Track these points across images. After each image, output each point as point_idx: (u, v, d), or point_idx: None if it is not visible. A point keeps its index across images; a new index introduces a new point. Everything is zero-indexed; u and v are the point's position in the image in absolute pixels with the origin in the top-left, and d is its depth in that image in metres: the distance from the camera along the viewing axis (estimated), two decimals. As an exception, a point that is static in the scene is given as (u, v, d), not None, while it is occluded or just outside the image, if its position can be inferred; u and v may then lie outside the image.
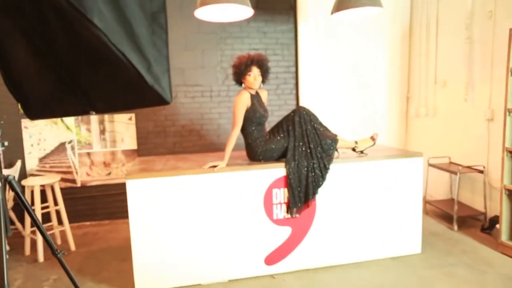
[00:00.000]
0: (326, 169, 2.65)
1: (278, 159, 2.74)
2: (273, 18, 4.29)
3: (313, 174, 2.63)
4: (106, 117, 4.01)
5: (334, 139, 2.71)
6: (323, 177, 2.65)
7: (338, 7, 3.02)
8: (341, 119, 4.43)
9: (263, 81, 2.73)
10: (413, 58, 4.54)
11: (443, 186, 4.12)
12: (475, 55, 3.58)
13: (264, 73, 2.72)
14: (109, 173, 4.07)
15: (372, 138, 2.86)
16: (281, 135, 2.68)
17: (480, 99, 3.57)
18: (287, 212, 2.68)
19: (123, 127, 4.05)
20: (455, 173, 3.44)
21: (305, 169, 2.62)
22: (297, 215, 2.67)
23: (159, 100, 0.88)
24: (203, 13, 2.85)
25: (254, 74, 2.67)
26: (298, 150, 2.65)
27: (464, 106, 3.76)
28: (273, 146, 2.67)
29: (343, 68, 4.43)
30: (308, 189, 2.63)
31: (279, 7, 4.28)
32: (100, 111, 1.00)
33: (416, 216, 2.93)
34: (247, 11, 2.80)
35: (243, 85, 2.74)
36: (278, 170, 2.64)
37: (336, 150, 2.75)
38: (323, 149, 2.67)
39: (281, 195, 2.67)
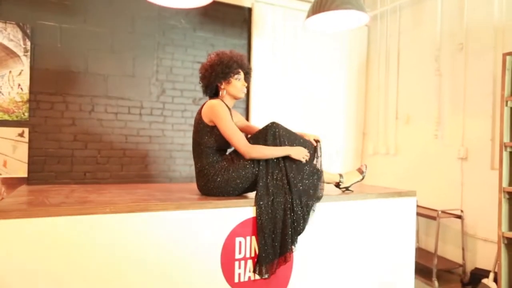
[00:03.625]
0: (308, 208, 1.92)
1: (243, 193, 1.95)
2: (223, 30, 3.64)
3: (292, 214, 1.87)
4: (-17, 130, 2.81)
5: (317, 169, 2.02)
6: (305, 220, 1.90)
7: (315, 10, 2.49)
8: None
9: None
10: (370, 92, 4.23)
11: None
12: (445, 88, 3.32)
13: (248, 84, 2.08)
14: (-22, 212, 2.78)
15: (360, 171, 2.24)
16: (249, 159, 1.90)
17: (451, 136, 3.26)
18: (255, 271, 1.84)
19: (9, 145, 2.88)
20: (434, 218, 2.97)
21: (282, 207, 1.86)
22: (267, 276, 1.85)
23: None
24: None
25: (242, 79, 1.98)
26: (273, 181, 1.89)
27: (433, 144, 3.43)
28: (238, 174, 1.88)
29: (301, 94, 3.90)
30: (286, 237, 1.84)
31: (231, 18, 3.67)
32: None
33: (408, 270, 2.32)
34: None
35: (221, 92, 1.98)
36: (245, 210, 1.83)
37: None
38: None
39: (247, 246, 1.84)
